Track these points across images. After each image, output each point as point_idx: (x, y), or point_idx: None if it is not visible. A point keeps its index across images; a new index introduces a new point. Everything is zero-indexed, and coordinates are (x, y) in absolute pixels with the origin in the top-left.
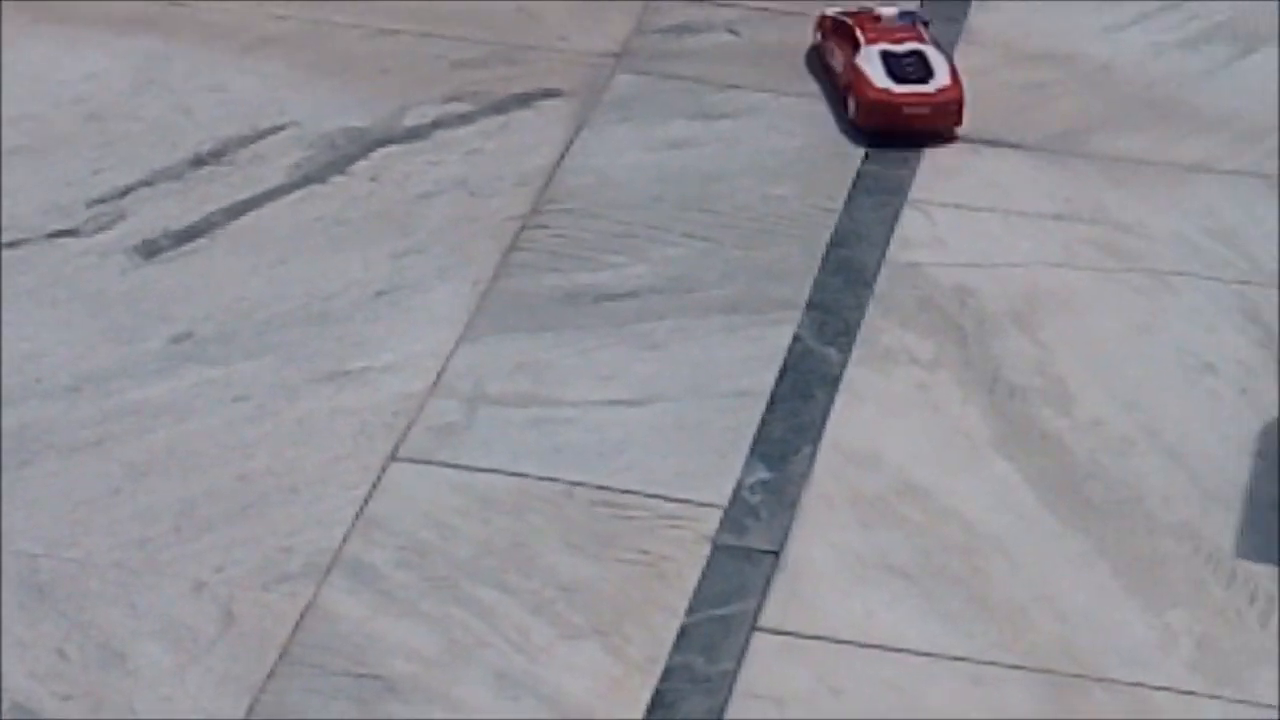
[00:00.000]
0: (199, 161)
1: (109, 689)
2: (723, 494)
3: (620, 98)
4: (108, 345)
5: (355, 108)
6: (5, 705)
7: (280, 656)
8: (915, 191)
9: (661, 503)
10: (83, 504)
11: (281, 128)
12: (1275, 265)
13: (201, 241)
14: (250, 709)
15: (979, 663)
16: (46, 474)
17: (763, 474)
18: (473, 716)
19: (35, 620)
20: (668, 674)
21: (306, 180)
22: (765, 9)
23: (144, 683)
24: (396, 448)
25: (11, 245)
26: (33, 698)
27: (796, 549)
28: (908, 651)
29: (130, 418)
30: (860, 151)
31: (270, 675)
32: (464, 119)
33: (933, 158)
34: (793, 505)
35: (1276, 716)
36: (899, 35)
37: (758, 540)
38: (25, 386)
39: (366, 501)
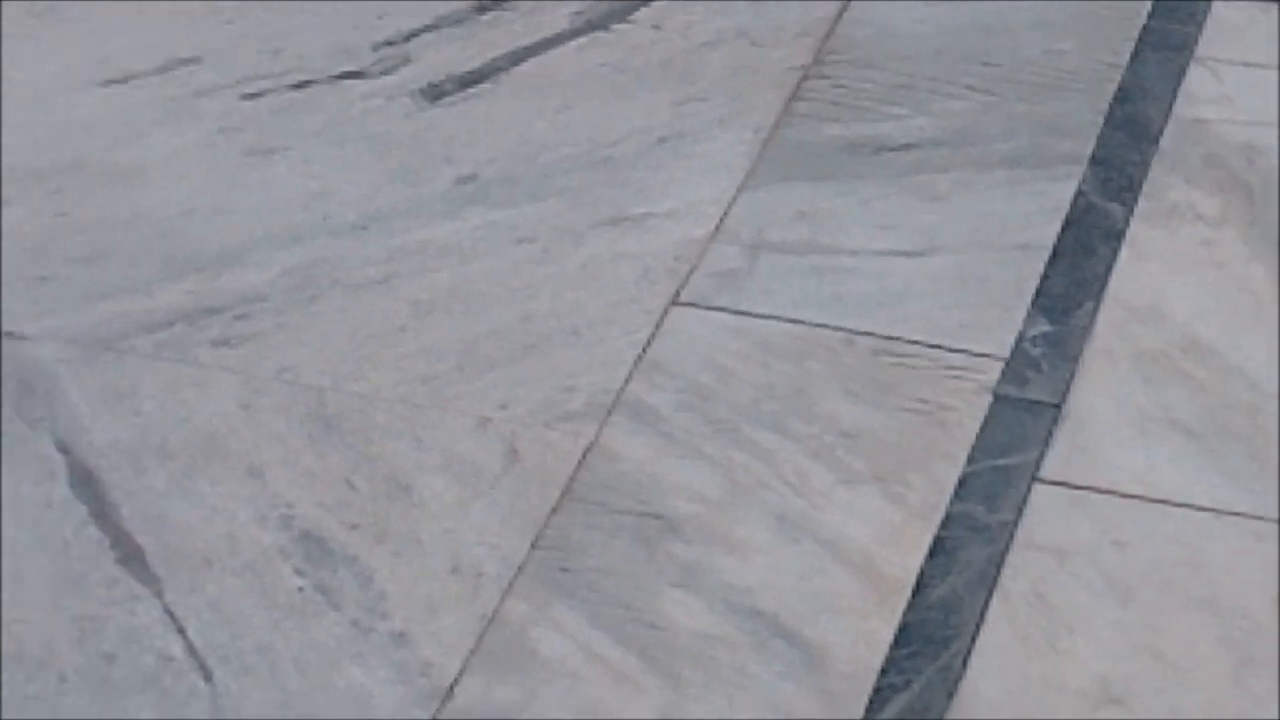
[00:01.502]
0: (483, 8)
1: (395, 520)
2: (1004, 346)
3: None
4: (393, 186)
5: None
6: (295, 532)
7: (563, 493)
8: (1202, 48)
9: (942, 353)
10: (369, 340)
11: None
12: None
13: (485, 86)
14: (534, 543)
15: (1263, 519)
16: (334, 310)
17: (1044, 327)
18: (754, 557)
19: (324, 452)
20: (947, 522)
21: (589, 27)
22: None
23: (429, 515)
24: (678, 292)
25: (299, 86)
26: (322, 526)
27: (1078, 402)
28: (1190, 507)
29: (415, 257)
30: (1146, 6)
31: (553, 511)
32: None
33: (1220, 14)
34: (1074, 359)
35: None
36: None
37: (1039, 392)
38: (313, 224)
39: (648, 344)
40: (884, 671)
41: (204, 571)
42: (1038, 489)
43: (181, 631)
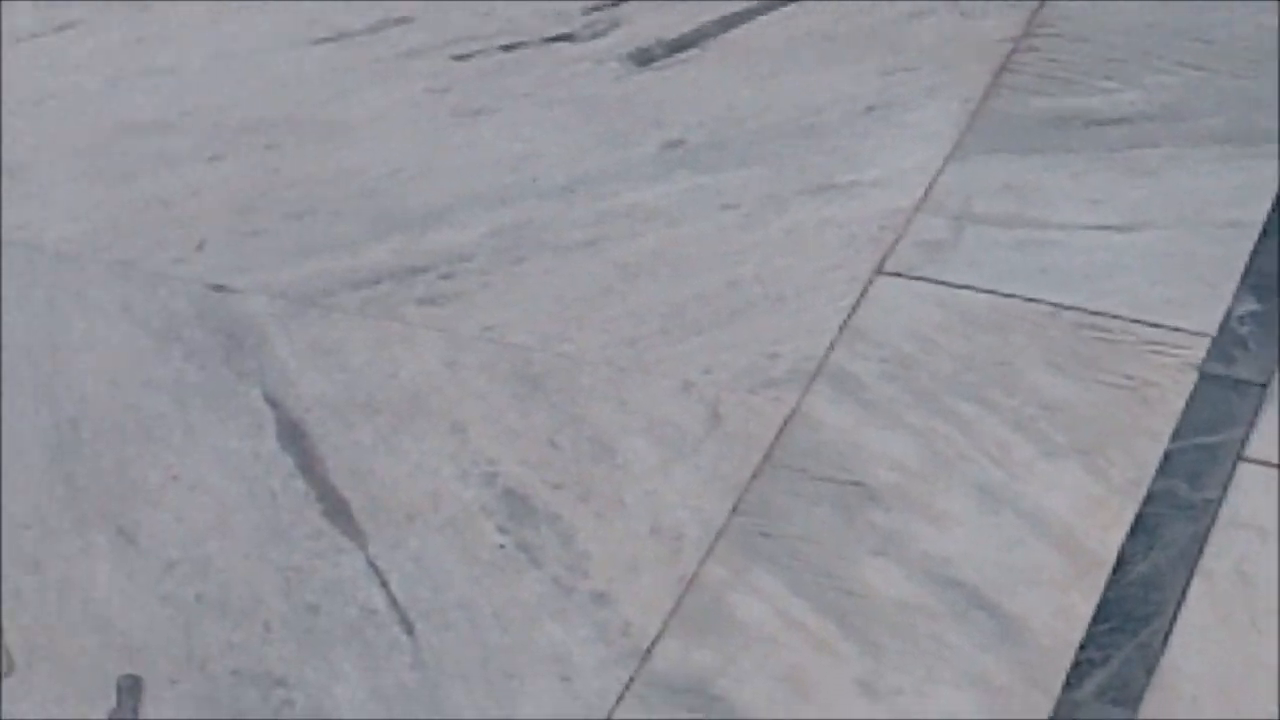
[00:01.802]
0: None
1: (598, 480)
2: (1211, 323)
3: None
4: (601, 149)
5: None
6: (498, 490)
7: (764, 459)
8: None
9: (1148, 329)
10: (575, 301)
11: None
12: None
13: (694, 51)
14: (734, 508)
15: None
16: (540, 271)
17: (1253, 305)
18: (954, 527)
19: (528, 411)
20: (1150, 498)
21: None
22: None
23: (632, 476)
24: (883, 261)
25: (509, 48)
26: (525, 484)
27: None
28: None
29: (622, 220)
30: None
31: (754, 476)
32: None
33: None
34: None
35: None
36: None
37: (1246, 371)
38: (522, 185)
39: (852, 313)
40: (1083, 646)
41: (407, 526)
42: (1243, 468)
43: (385, 585)
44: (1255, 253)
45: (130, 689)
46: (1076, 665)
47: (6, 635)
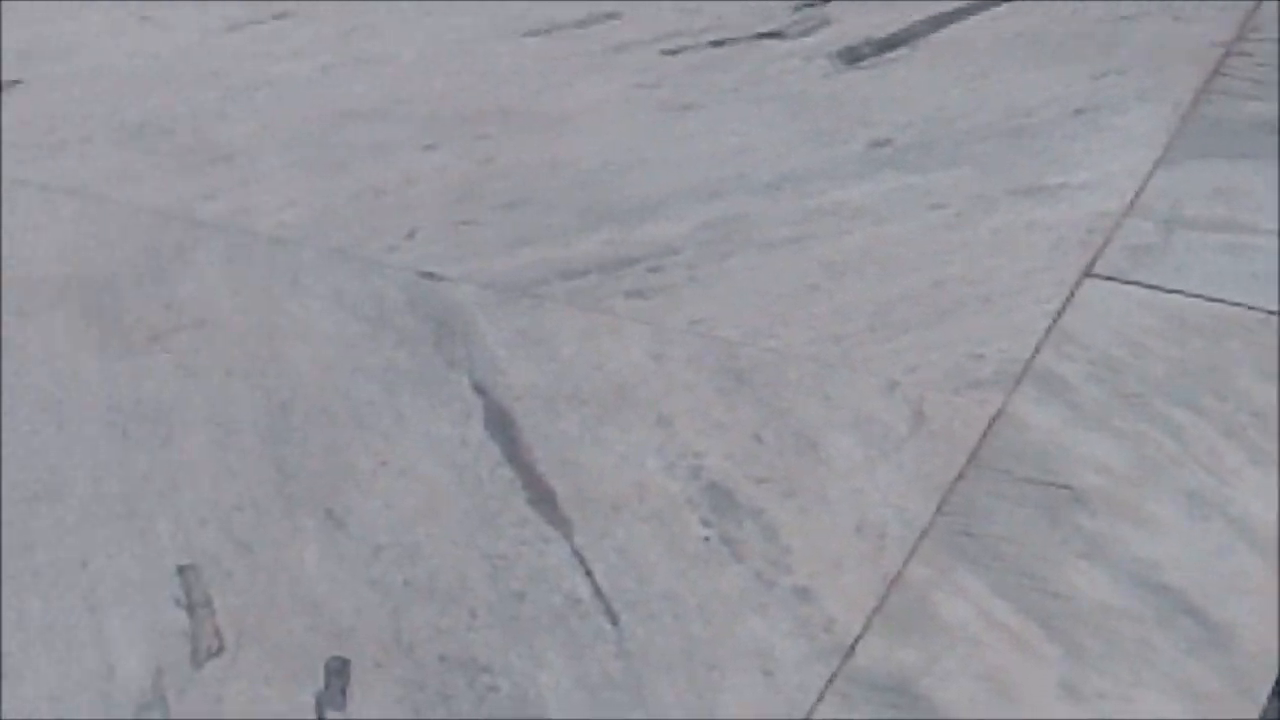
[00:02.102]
0: None
1: (802, 475)
2: None
3: None
4: (808, 146)
5: None
6: (703, 483)
7: (969, 460)
8: None
9: None
10: (781, 297)
11: None
12: None
13: (902, 51)
14: (939, 508)
15: None
16: (747, 266)
17: None
18: (1162, 532)
19: (733, 405)
20: None
21: None
22: None
23: (836, 472)
24: (1091, 264)
25: (717, 44)
26: (729, 478)
27: None
28: None
29: (829, 218)
30: None
31: (959, 477)
32: None
33: None
34: None
35: None
36: None
37: None
38: (729, 182)
39: (1059, 315)
40: None
41: (613, 517)
42: None
43: (589, 574)
44: None
45: (338, 671)
46: None
47: (218, 616)
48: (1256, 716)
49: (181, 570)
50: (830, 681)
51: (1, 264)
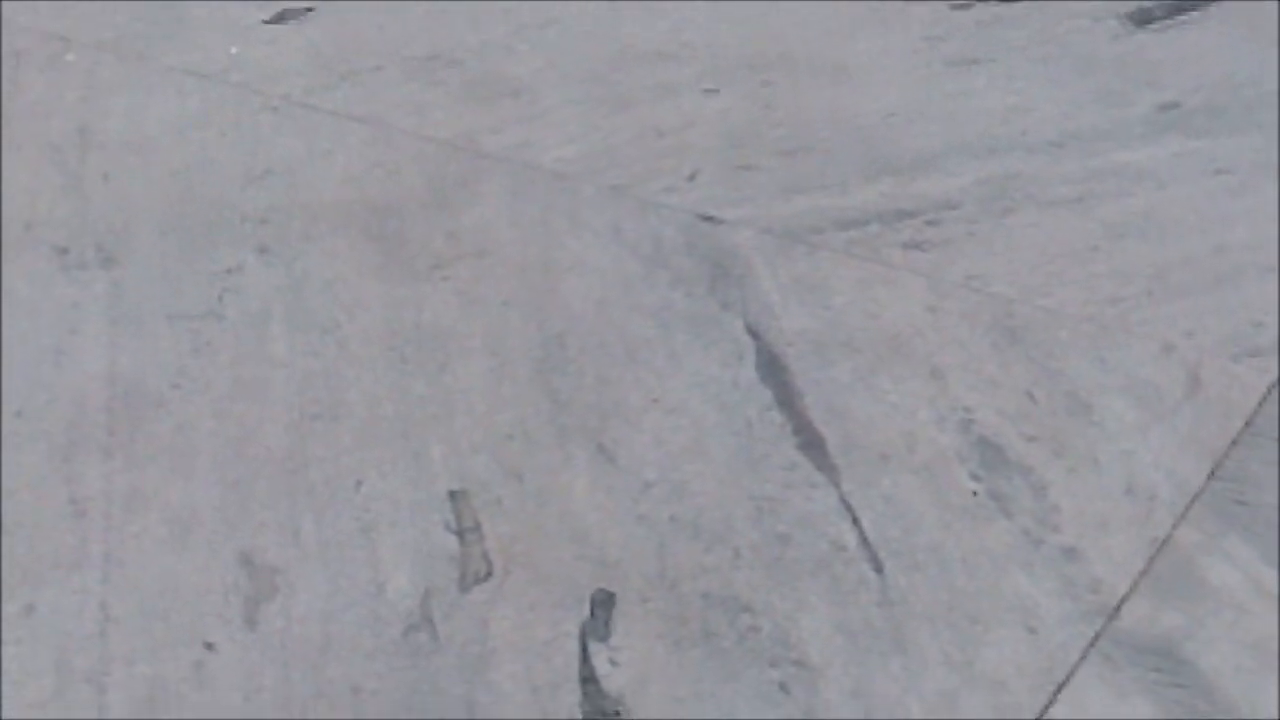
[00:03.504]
0: None
1: (1073, 436)
2: None
3: None
4: (1094, 106)
5: None
6: (973, 437)
7: (1244, 427)
8: None
9: None
10: (1059, 256)
11: None
12: None
13: (1195, 14)
14: (1211, 473)
15: None
16: (1025, 224)
17: None
18: None
19: (1006, 362)
20: None
21: None
22: None
23: (1107, 434)
24: None
25: (1008, 1)
26: (1000, 433)
27: None
28: None
29: (1111, 179)
30: None
31: (1233, 444)
32: None
33: None
34: None
35: None
36: None
37: None
38: (1011, 138)
39: None
40: None
41: (881, 466)
42: None
43: (856, 522)
44: None
45: (603, 603)
46: None
47: (486, 541)
48: None
49: (453, 495)
50: (1093, 642)
51: (290, 189)
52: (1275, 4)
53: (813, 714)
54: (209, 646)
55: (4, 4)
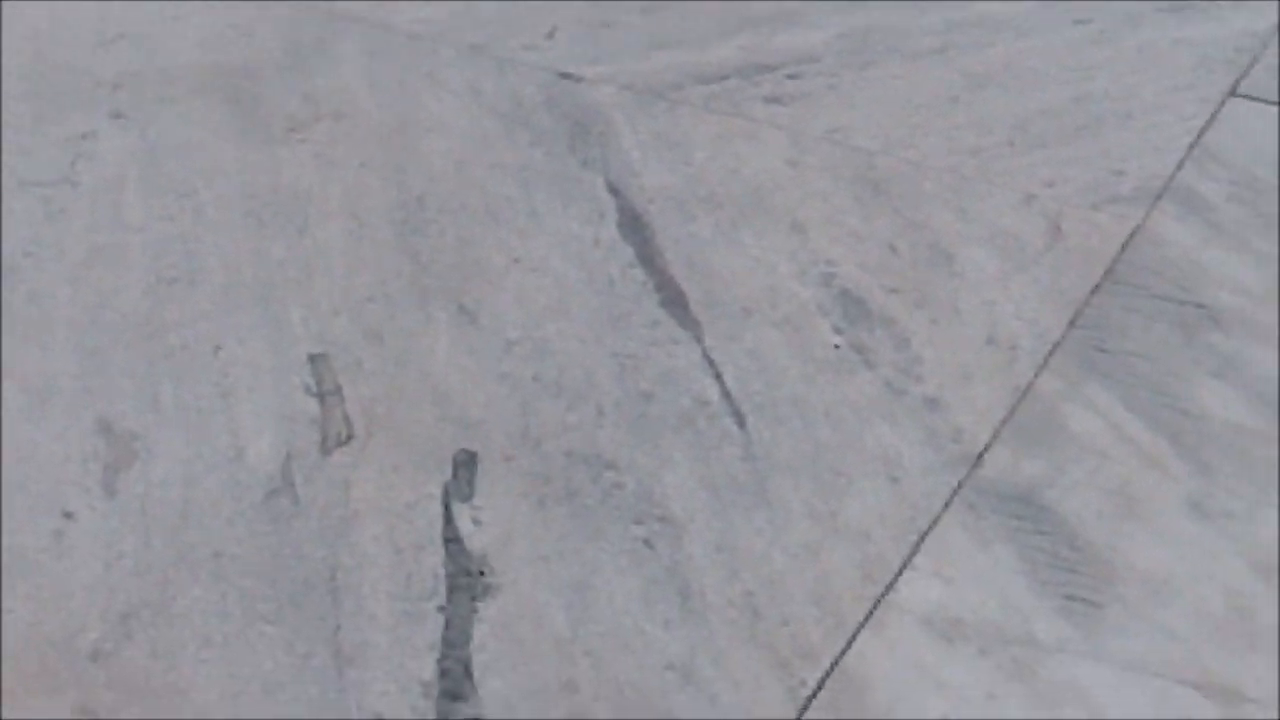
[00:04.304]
0: None
1: (934, 287)
2: None
3: None
4: None
5: None
6: (835, 290)
7: (1105, 275)
8: None
9: None
10: (921, 108)
11: None
12: None
13: None
14: (1072, 322)
15: None
16: (887, 75)
17: None
18: None
19: (869, 214)
20: None
21: None
22: None
23: (968, 284)
24: (1237, 83)
25: None
26: (862, 286)
27: None
28: None
29: (972, 30)
30: None
31: (1094, 291)
32: None
33: None
34: None
35: None
36: None
37: None
38: None
39: (1202, 133)
40: None
41: (743, 320)
42: None
43: (718, 377)
44: None
45: (466, 463)
46: None
47: (347, 404)
48: None
49: (313, 358)
50: (956, 490)
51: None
52: None
53: (677, 569)
54: (68, 515)
55: None
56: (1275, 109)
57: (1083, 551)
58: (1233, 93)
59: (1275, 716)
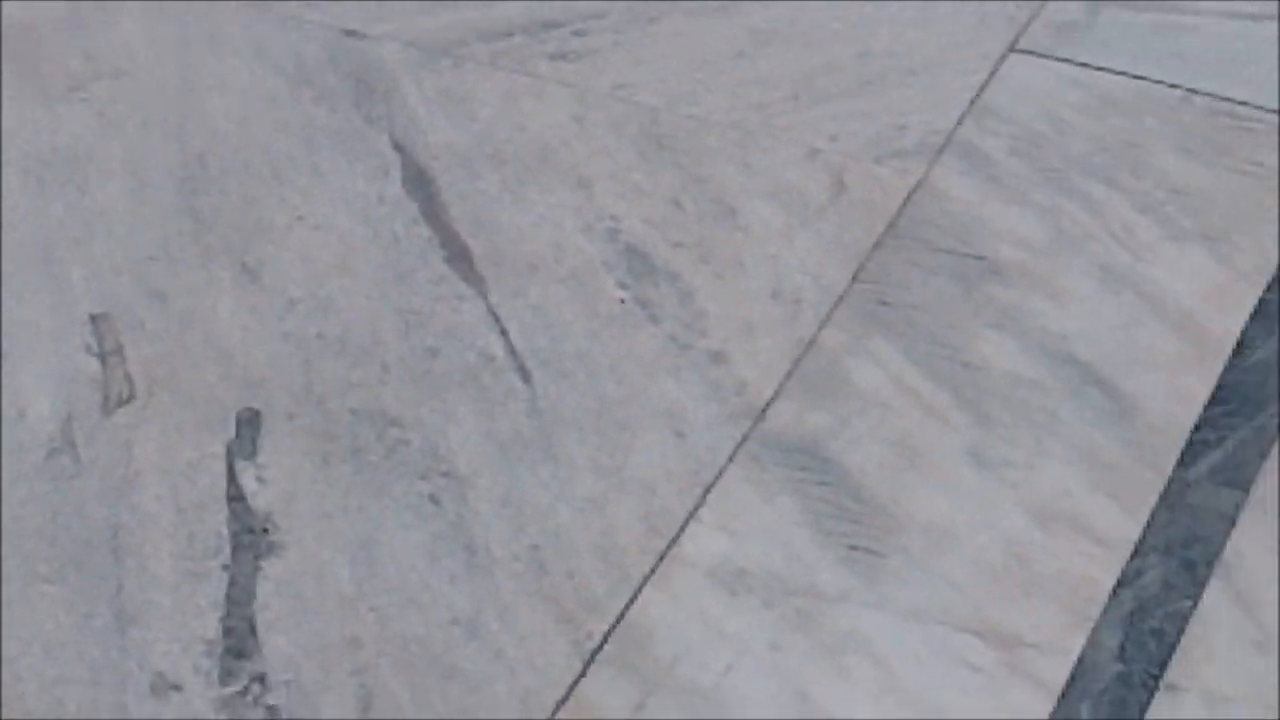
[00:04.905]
0: None
1: (719, 242)
2: None
3: None
4: None
5: None
6: (620, 245)
7: (887, 229)
8: None
9: None
10: (705, 64)
11: None
12: None
13: None
14: (855, 275)
15: None
16: (672, 32)
17: None
18: (1073, 305)
19: (653, 170)
20: (1274, 285)
21: None
22: None
23: (753, 239)
24: (1016, 39)
25: None
26: (646, 241)
27: None
28: None
29: None
30: None
31: (876, 245)
32: None
33: None
34: None
35: None
36: None
37: None
38: None
39: (982, 89)
40: (1197, 428)
41: (528, 276)
42: None
43: (504, 333)
44: None
45: (249, 421)
46: (1190, 446)
47: (129, 364)
48: (1161, 487)
49: (94, 318)
50: (741, 443)
51: None
52: None
53: (463, 524)
54: None
55: None
56: (1054, 64)
57: (866, 503)
58: (1012, 48)
59: (1053, 660)
